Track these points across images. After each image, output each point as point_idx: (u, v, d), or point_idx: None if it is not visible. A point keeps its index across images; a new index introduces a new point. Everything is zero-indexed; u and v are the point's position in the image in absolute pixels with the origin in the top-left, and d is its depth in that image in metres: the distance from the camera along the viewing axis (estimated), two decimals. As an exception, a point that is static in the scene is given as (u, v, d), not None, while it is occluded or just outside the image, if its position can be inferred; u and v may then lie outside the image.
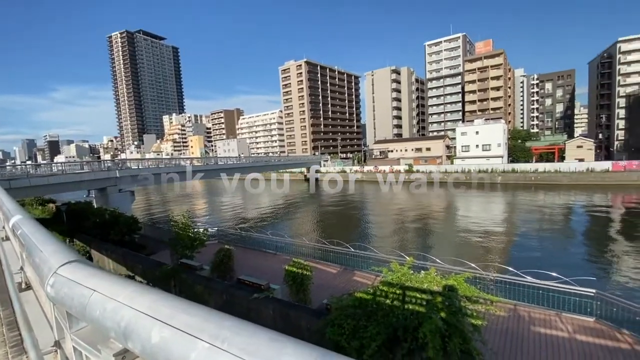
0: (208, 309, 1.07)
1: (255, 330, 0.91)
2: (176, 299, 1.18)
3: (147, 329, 1.04)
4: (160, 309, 1.10)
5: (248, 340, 0.85)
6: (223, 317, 1.00)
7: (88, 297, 1.32)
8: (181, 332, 0.95)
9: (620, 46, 77.98)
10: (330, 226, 37.15)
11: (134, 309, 1.14)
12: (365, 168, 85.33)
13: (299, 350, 0.78)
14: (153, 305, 1.13)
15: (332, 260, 16.37)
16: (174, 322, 1.00)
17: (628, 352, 8.76)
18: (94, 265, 1.63)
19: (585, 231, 32.56)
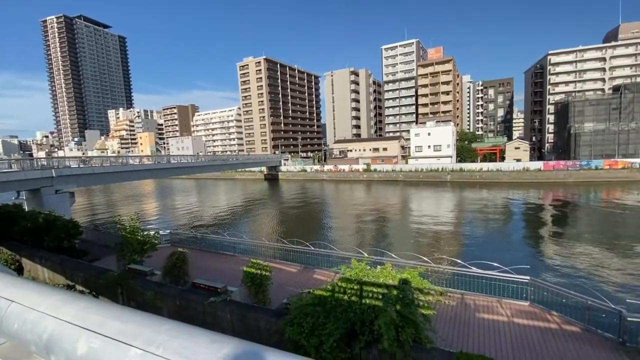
0: (144, 314, 1.04)
1: (194, 332, 0.89)
2: (108, 305, 1.08)
3: (73, 339, 0.97)
4: (88, 317, 1.03)
5: (186, 343, 0.82)
6: (160, 321, 0.96)
7: (5, 309, 1.16)
8: (112, 340, 0.90)
9: (550, 58, 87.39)
10: (290, 226, 37.00)
11: (58, 319, 1.05)
12: (326, 167, 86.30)
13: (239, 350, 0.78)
14: (80, 314, 1.05)
15: (292, 259, 16.32)
16: (104, 330, 0.94)
17: (556, 331, 9.86)
18: (11, 273, 1.45)
19: (522, 224, 36.04)
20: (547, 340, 9.42)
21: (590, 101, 67.94)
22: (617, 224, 33.28)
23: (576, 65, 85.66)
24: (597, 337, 9.41)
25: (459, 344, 9.18)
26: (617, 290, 17.34)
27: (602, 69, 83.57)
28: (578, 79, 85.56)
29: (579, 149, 65.63)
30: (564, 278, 18.95)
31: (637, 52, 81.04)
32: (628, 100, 63.67)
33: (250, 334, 10.06)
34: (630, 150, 62.02)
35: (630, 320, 8.88)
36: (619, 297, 14.99)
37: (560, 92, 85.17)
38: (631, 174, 56.82)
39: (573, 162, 62.35)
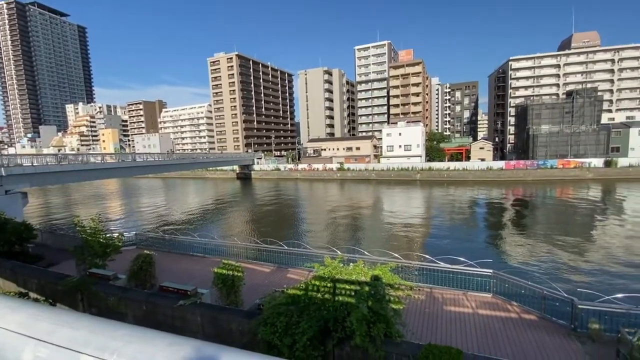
0: (99, 320, 0.99)
1: (151, 335, 0.86)
2: (60, 312, 1.03)
3: (17, 349, 0.91)
4: (36, 325, 0.97)
5: (142, 347, 0.80)
6: (116, 326, 0.93)
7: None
8: (61, 349, 0.86)
9: (511, 64, 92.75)
10: (264, 225, 36.56)
11: (2, 328, 0.99)
12: (300, 166, 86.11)
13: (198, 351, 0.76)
14: (27, 322, 0.99)
15: (265, 259, 16.14)
16: (54, 339, 0.89)
17: (516, 320, 10.51)
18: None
19: (486, 220, 38.01)
20: (507, 329, 10.02)
21: (547, 105, 72.88)
22: (568, 219, 36.00)
23: (534, 71, 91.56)
24: (552, 324, 10.13)
25: (427, 336, 9.53)
26: (570, 279, 18.76)
27: (557, 75, 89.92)
28: (536, 84, 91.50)
29: (536, 150, 70.19)
30: (524, 269, 20.21)
31: (587, 60, 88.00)
32: (579, 104, 69.03)
33: (221, 336, 9.84)
34: (581, 150, 67.30)
35: (581, 307, 9.64)
36: (571, 286, 16.24)
37: (521, 96, 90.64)
38: (581, 172, 61.70)
39: (531, 162, 66.65)
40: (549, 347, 8.97)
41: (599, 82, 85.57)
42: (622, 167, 60.46)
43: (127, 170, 49.45)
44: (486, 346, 9.08)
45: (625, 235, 28.68)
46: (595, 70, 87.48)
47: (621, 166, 60.54)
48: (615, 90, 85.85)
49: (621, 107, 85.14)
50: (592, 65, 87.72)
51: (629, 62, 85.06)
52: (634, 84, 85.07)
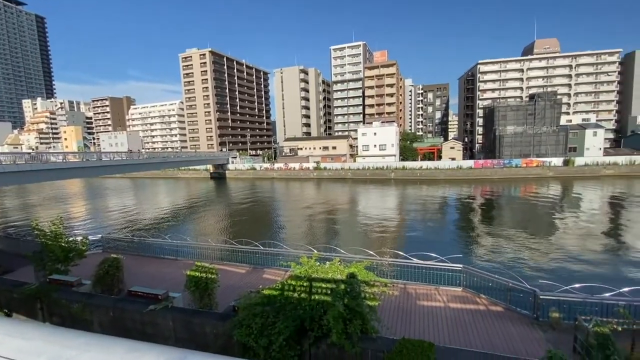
0: (55, 329, 0.94)
1: (110, 343, 0.83)
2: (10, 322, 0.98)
3: None
4: None
5: (99, 355, 0.76)
6: (73, 334, 0.88)
7: None
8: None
9: (480, 67, 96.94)
10: (239, 225, 35.92)
11: None
12: (276, 165, 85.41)
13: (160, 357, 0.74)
14: None
15: (240, 260, 15.87)
16: (3, 350, 0.83)
17: (484, 312, 11.01)
18: None
19: (456, 217, 39.51)
20: (476, 320, 10.47)
21: (511, 107, 76.88)
22: (531, 215, 38.21)
23: (500, 74, 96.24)
24: (517, 314, 10.71)
25: (402, 330, 9.76)
26: (532, 271, 19.91)
27: (521, 79, 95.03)
28: (502, 87, 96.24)
29: (502, 149, 73.88)
30: (491, 263, 21.22)
31: (548, 65, 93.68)
32: (541, 107, 73.39)
33: (195, 340, 9.57)
34: (542, 150, 71.61)
35: (542, 298, 10.26)
36: (533, 277, 17.24)
37: (488, 98, 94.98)
38: (543, 171, 65.68)
39: (498, 161, 70.07)
40: (514, 337, 9.48)
41: (558, 86, 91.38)
42: (578, 166, 64.98)
43: (92, 170, 46.84)
44: (457, 338, 9.44)
45: (580, 229, 30.87)
46: (555, 75, 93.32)
47: (578, 165, 65.06)
48: (573, 94, 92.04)
49: (578, 110, 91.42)
50: (552, 70, 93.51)
51: (584, 68, 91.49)
52: (589, 89, 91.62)
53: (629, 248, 25.13)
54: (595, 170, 63.72)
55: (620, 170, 62.98)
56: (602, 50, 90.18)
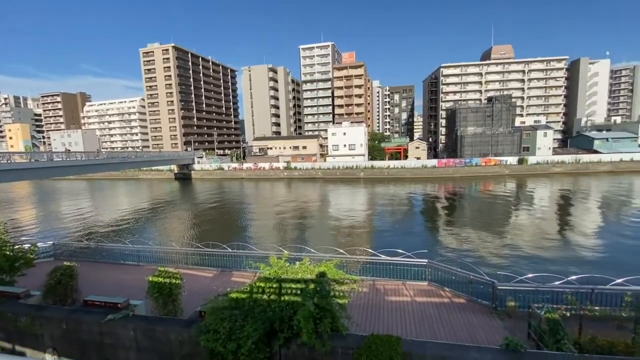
0: None
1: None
2: None
3: None
4: None
5: None
6: None
7: None
8: None
9: (442, 70, 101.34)
10: (206, 228, 34.79)
11: None
12: (245, 165, 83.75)
13: None
14: None
15: (208, 264, 15.37)
16: None
17: (448, 304, 11.52)
18: None
19: (422, 214, 41.05)
20: (441, 312, 10.93)
21: (472, 109, 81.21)
22: (490, 210, 40.62)
23: (461, 78, 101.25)
24: (478, 305, 11.32)
25: (371, 326, 9.95)
26: (492, 263, 21.16)
27: (480, 82, 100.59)
28: (463, 89, 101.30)
29: (463, 149, 77.82)
30: (454, 257, 22.27)
31: (504, 70, 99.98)
32: (498, 109, 78.22)
33: (158, 348, 9.12)
34: (500, 150, 76.36)
35: (500, 288, 10.92)
36: (492, 269, 18.32)
37: (450, 100, 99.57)
38: (500, 169, 70.08)
39: (459, 160, 73.75)
40: (475, 326, 10.00)
41: (513, 89, 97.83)
42: (531, 164, 70.07)
43: (42, 171, 43.15)
44: (423, 331, 9.79)
45: (533, 223, 33.33)
46: (510, 80, 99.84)
47: (530, 163, 70.14)
48: (526, 97, 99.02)
49: (530, 112, 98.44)
50: (508, 75, 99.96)
51: (536, 73, 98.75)
52: (540, 93, 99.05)
53: (575, 239, 27.52)
54: (545, 168, 69.09)
55: (567, 168, 68.80)
56: (551, 58, 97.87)
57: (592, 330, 8.65)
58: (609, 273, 12.01)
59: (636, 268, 16.71)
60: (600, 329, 8.66)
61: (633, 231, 28.49)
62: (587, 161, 69.32)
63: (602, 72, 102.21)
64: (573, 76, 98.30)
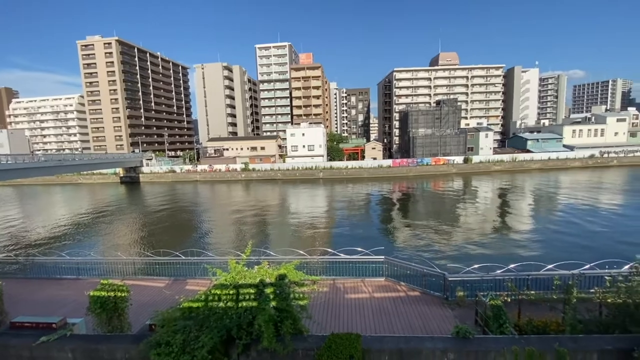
0: None
1: None
2: None
3: None
4: None
5: None
6: None
7: None
8: None
9: (395, 74, 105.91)
10: (157, 235, 32.67)
11: None
12: (199, 167, 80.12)
13: None
14: None
15: (159, 273, 14.42)
16: None
17: (404, 298, 12.02)
18: None
19: (378, 212, 42.50)
20: (397, 306, 11.37)
21: (422, 111, 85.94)
22: (440, 207, 43.28)
23: (413, 82, 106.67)
24: (431, 297, 11.95)
25: (332, 325, 10.04)
26: (443, 256, 22.53)
27: (429, 86, 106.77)
28: (414, 93, 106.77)
29: (415, 149, 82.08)
30: (409, 252, 23.34)
31: (450, 75, 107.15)
32: (445, 112, 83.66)
33: (102, 370, 8.31)
34: (447, 150, 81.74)
35: (450, 280, 11.64)
36: (443, 262, 19.51)
37: (403, 103, 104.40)
38: (448, 168, 75.04)
39: (412, 160, 77.67)
40: (429, 317, 10.55)
41: (458, 94, 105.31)
42: (475, 163, 75.98)
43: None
44: (381, 326, 10.10)
45: (477, 217, 36.15)
46: (456, 85, 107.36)
47: (474, 162, 76.04)
48: (470, 101, 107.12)
49: (474, 115, 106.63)
50: (454, 80, 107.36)
51: (477, 79, 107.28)
52: (481, 97, 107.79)
53: (513, 230, 30.34)
54: (487, 167, 75.36)
55: (506, 166, 75.70)
56: (490, 65, 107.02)
57: (529, 312, 9.57)
58: (542, 260, 13.39)
59: (563, 254, 18.86)
60: (536, 311, 9.61)
61: (559, 221, 32.17)
62: (522, 160, 76.91)
63: (533, 79, 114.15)
64: (509, 82, 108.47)
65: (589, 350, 6.83)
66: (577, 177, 62.13)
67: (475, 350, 7.04)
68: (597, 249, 22.71)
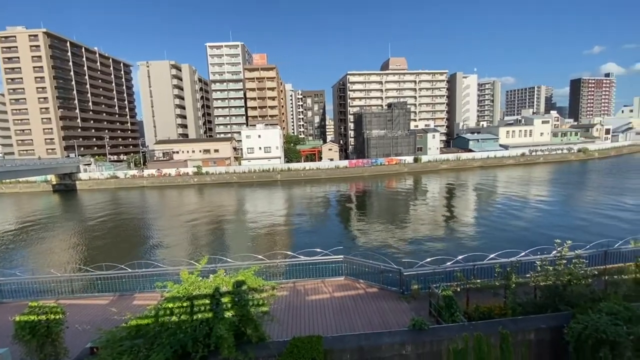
0: None
1: None
2: None
3: None
4: None
5: None
6: None
7: None
8: None
9: (349, 77, 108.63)
10: (99, 247, 29.82)
11: None
12: (146, 172, 74.68)
13: None
14: None
15: (102, 289, 13.13)
16: None
17: (363, 295, 12.29)
18: None
19: (337, 211, 43.16)
20: (357, 303, 11.59)
21: (375, 114, 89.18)
22: (394, 204, 45.21)
23: (366, 85, 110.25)
24: (388, 292, 12.37)
25: (293, 329, 9.91)
26: (398, 252, 23.50)
27: (381, 89, 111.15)
28: (367, 96, 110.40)
29: (370, 150, 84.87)
30: (367, 250, 23.99)
31: (399, 80, 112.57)
32: (396, 114, 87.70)
33: (33, 405, 7.32)
34: (399, 150, 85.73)
35: (406, 274, 12.15)
36: (399, 257, 20.35)
37: (357, 105, 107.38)
38: (400, 167, 78.72)
39: (367, 160, 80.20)
40: (387, 312, 10.90)
41: (407, 97, 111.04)
42: (424, 162, 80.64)
43: None
44: (342, 324, 10.20)
45: (428, 213, 38.35)
46: (405, 88, 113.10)
47: (423, 162, 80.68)
48: (418, 104, 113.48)
49: (422, 117, 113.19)
50: (403, 84, 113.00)
51: (424, 84, 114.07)
52: (428, 100, 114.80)
53: (460, 224, 32.67)
54: (435, 165, 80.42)
55: (451, 165, 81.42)
56: (435, 71, 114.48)
57: (476, 299, 10.33)
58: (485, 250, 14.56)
59: (503, 244, 20.69)
60: (481, 298, 10.40)
61: (499, 213, 35.35)
62: (465, 158, 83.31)
63: (472, 84, 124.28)
64: (452, 87, 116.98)
65: (527, 330, 7.54)
66: (512, 173, 68.91)
67: (430, 340, 7.40)
68: (530, 237, 25.35)
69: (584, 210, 35.17)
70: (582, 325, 6.85)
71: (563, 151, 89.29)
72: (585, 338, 6.73)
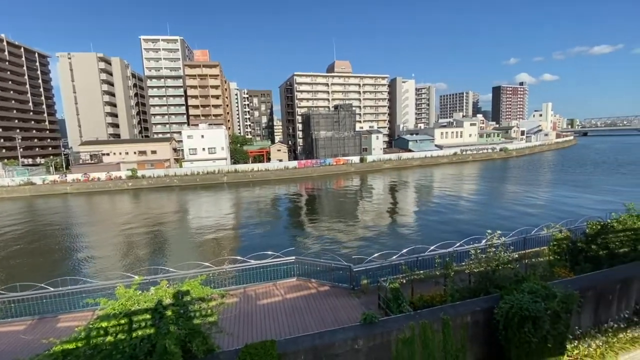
0: None
1: None
2: None
3: None
4: None
5: None
6: None
7: None
8: None
9: (296, 78, 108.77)
10: (9, 267, 25.71)
11: None
12: (70, 176, 66.28)
13: None
14: None
15: (17, 313, 11.34)
16: None
17: (315, 294, 12.37)
18: None
19: (287, 213, 42.93)
20: (309, 303, 11.64)
21: (322, 115, 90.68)
22: (342, 203, 46.41)
23: (312, 86, 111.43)
24: (340, 289, 12.63)
25: (246, 336, 9.60)
26: (348, 249, 24.16)
27: (327, 91, 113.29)
28: (314, 97, 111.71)
29: (318, 150, 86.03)
30: (318, 249, 24.25)
31: (345, 82, 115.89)
32: (342, 116, 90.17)
33: None
34: (346, 151, 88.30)
35: (355, 270, 12.53)
36: (349, 254, 20.91)
37: (305, 106, 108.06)
38: (347, 167, 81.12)
39: (316, 161, 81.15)
40: (339, 309, 11.12)
41: (352, 99, 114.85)
42: (369, 162, 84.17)
43: None
44: (295, 326, 10.15)
45: (374, 210, 40.09)
46: (350, 91, 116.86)
47: (368, 161, 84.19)
48: (362, 106, 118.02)
49: (366, 119, 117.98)
50: (348, 87, 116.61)
51: (368, 87, 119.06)
52: (372, 103, 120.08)
53: (404, 219, 34.72)
54: (379, 165, 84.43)
55: (394, 164, 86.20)
56: (377, 75, 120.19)
57: (420, 289, 11.05)
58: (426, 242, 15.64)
59: (442, 235, 22.47)
60: (425, 288, 11.16)
61: (437, 208, 38.33)
62: (406, 158, 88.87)
63: (411, 89, 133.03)
64: (392, 91, 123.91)
65: (464, 314, 8.26)
66: (446, 170, 75.31)
67: (380, 332, 7.71)
68: (464, 228, 27.93)
69: (507, 202, 39.84)
70: (508, 305, 7.71)
71: (488, 150, 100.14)
72: (512, 316, 7.59)
